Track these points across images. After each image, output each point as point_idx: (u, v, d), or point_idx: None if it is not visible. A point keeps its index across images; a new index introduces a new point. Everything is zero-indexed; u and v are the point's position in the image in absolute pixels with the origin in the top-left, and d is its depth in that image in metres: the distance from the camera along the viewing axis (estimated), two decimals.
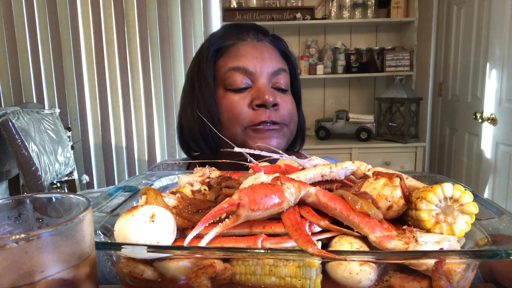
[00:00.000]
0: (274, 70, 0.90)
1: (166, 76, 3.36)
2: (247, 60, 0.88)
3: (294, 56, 1.01)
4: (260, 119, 0.87)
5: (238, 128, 0.88)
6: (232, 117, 0.88)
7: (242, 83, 0.88)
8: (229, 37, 0.93)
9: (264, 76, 0.89)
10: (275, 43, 0.97)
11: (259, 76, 0.88)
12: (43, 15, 3.27)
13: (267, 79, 0.89)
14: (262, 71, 0.88)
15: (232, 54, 0.90)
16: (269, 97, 0.85)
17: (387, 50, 3.28)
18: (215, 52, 0.91)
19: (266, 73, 0.89)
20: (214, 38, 0.94)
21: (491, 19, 2.33)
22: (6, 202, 0.42)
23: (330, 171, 0.58)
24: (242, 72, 0.88)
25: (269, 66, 0.89)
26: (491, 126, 2.36)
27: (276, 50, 0.95)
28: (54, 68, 3.34)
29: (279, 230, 0.46)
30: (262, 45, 0.93)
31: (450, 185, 0.47)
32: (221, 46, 0.92)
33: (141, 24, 3.29)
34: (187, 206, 0.53)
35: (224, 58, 0.91)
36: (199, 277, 0.44)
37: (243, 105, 0.87)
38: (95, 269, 0.39)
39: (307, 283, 0.43)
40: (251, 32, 0.94)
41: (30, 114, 2.51)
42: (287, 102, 0.91)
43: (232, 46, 0.91)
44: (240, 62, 0.88)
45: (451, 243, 0.45)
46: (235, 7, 3.28)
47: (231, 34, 0.93)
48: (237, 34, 0.93)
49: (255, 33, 0.94)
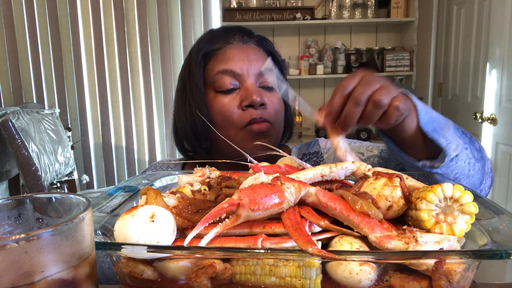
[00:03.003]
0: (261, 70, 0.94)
1: (166, 76, 3.36)
2: (234, 63, 0.92)
3: (280, 55, 1.05)
4: (250, 118, 0.91)
5: (233, 129, 0.92)
6: (225, 120, 0.93)
7: (230, 84, 0.92)
8: (216, 41, 0.97)
9: (251, 77, 0.93)
10: (261, 43, 1.01)
11: (246, 77, 0.92)
12: (43, 15, 3.27)
13: (254, 80, 0.93)
14: (249, 72, 0.92)
15: (220, 58, 0.94)
16: (256, 97, 0.89)
17: (387, 50, 3.28)
18: (204, 56, 0.96)
19: (253, 73, 0.93)
20: (202, 42, 0.98)
21: (491, 19, 2.33)
22: (6, 202, 0.42)
23: (330, 171, 0.58)
24: (230, 74, 0.92)
25: (255, 67, 0.93)
26: (491, 126, 2.36)
27: (261, 51, 0.99)
28: (54, 68, 3.34)
29: (279, 230, 0.46)
30: (248, 47, 0.97)
31: (450, 185, 0.47)
32: (209, 50, 0.96)
33: (141, 24, 3.29)
34: (187, 206, 0.53)
35: (213, 62, 0.95)
36: (199, 277, 0.44)
37: (233, 106, 0.92)
38: (95, 269, 0.39)
39: (307, 283, 0.43)
40: (236, 35, 0.98)
41: (30, 114, 2.51)
42: (274, 102, 0.95)
43: (220, 50, 0.96)
44: (227, 65, 0.92)
45: (451, 243, 0.45)
46: (235, 7, 3.28)
47: (218, 37, 0.98)
48: (224, 37, 0.97)
49: (240, 36, 0.98)
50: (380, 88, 0.64)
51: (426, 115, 0.71)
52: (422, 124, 0.70)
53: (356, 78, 0.65)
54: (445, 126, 0.73)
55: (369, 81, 0.64)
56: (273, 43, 1.04)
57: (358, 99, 0.63)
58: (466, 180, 0.76)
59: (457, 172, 0.74)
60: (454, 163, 0.73)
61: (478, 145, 0.80)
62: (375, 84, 0.64)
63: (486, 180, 0.80)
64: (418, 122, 0.70)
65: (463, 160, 0.74)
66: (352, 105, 0.64)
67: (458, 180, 0.75)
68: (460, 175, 0.75)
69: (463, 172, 0.75)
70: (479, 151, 0.78)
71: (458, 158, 0.73)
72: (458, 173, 0.75)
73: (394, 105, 0.63)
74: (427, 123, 0.71)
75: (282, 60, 1.05)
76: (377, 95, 0.63)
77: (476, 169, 0.77)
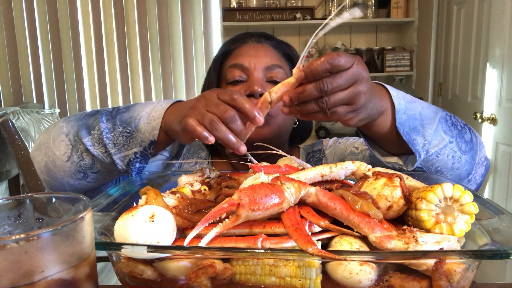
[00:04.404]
0: (268, 65, 0.97)
1: (166, 76, 3.36)
2: (243, 58, 0.98)
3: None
4: None
5: None
6: None
7: (238, 77, 0.97)
8: (234, 42, 1.05)
9: (258, 71, 0.96)
10: (278, 46, 1.05)
11: (253, 70, 0.96)
12: (43, 15, 3.27)
13: (261, 73, 0.97)
14: (256, 66, 0.96)
15: (234, 55, 1.01)
16: (257, 88, 0.91)
17: (387, 50, 3.28)
18: (222, 54, 1.04)
19: (260, 67, 0.97)
20: (224, 44, 1.07)
21: (491, 19, 2.33)
22: (6, 202, 0.42)
23: (330, 171, 0.58)
24: (238, 68, 0.97)
25: (263, 61, 0.97)
26: (491, 126, 2.36)
27: (276, 51, 1.03)
28: (54, 68, 3.34)
29: (279, 230, 0.46)
30: (260, 45, 1.02)
31: (450, 185, 0.47)
32: (228, 50, 1.04)
33: (141, 24, 3.29)
34: (187, 206, 0.53)
35: (228, 59, 1.02)
36: (199, 277, 0.44)
37: None
38: (95, 269, 0.39)
39: (307, 283, 0.43)
40: (254, 37, 1.05)
41: (30, 114, 2.51)
42: None
43: (236, 49, 1.03)
44: (238, 60, 0.98)
45: (451, 243, 0.45)
46: (235, 7, 3.28)
47: (237, 39, 1.05)
48: (242, 39, 1.05)
49: (257, 37, 1.05)
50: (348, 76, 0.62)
51: (405, 114, 0.72)
52: (398, 123, 0.71)
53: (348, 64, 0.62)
54: (430, 122, 0.74)
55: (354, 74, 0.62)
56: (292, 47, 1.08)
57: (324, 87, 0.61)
58: (450, 173, 0.77)
59: (439, 166, 0.76)
60: (434, 157, 0.74)
61: (469, 135, 0.80)
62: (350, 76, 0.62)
63: (476, 170, 0.80)
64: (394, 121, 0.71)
65: (445, 154, 0.75)
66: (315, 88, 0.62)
67: (441, 173, 0.76)
68: (442, 169, 0.76)
69: (446, 166, 0.76)
70: (469, 143, 0.79)
71: (440, 153, 0.74)
72: (440, 167, 0.76)
73: (356, 90, 0.62)
74: (404, 122, 0.71)
75: None
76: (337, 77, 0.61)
77: (463, 161, 0.77)
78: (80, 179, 0.82)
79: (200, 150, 1.07)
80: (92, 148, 0.78)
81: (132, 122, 0.78)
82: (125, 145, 0.77)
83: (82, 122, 0.82)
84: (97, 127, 0.79)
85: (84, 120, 0.82)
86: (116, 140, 0.77)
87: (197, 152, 1.07)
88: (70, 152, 0.79)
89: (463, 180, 0.80)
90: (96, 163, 0.80)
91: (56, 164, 0.81)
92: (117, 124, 0.78)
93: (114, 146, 0.77)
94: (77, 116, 0.85)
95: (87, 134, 0.79)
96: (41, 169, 0.83)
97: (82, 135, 0.79)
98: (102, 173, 0.82)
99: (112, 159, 0.77)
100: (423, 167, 0.75)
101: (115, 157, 0.77)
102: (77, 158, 0.79)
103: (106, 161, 0.78)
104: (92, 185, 0.85)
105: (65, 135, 0.81)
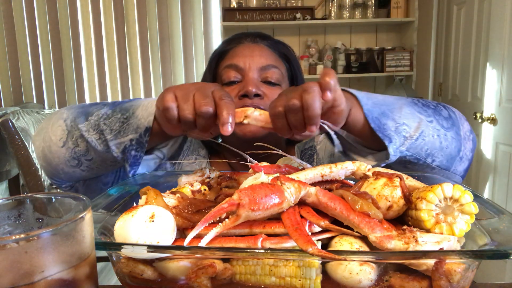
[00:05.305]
0: (263, 66, 0.97)
1: (166, 76, 3.36)
2: (239, 58, 0.98)
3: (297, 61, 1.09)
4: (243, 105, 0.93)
5: None
6: None
7: (233, 77, 0.97)
8: (230, 42, 1.04)
9: (253, 71, 0.96)
10: (274, 46, 1.04)
11: (248, 71, 0.96)
12: (43, 15, 3.27)
13: (256, 74, 0.97)
14: (251, 66, 0.96)
15: (229, 55, 1.01)
16: (251, 88, 0.92)
17: (387, 50, 3.28)
18: (217, 55, 1.03)
19: (255, 68, 0.96)
20: (220, 44, 1.07)
21: (491, 19, 2.33)
22: (6, 202, 0.42)
23: (330, 171, 0.58)
24: (233, 68, 0.97)
25: (258, 62, 0.97)
26: (491, 126, 2.36)
27: (272, 51, 1.02)
28: (54, 68, 3.34)
29: (279, 230, 0.46)
30: (255, 46, 1.02)
31: (450, 185, 0.47)
32: (223, 50, 1.03)
33: (141, 24, 3.29)
34: (187, 206, 0.53)
35: (223, 60, 1.02)
36: (199, 277, 0.44)
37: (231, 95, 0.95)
38: (95, 269, 0.39)
39: (307, 283, 0.43)
40: (249, 37, 1.04)
41: (30, 114, 2.51)
42: (273, 95, 0.96)
43: (231, 49, 1.02)
44: (233, 61, 0.98)
45: (451, 243, 0.45)
46: (235, 7, 3.28)
47: (233, 39, 1.05)
48: (238, 39, 1.04)
49: (253, 37, 1.04)
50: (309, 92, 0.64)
51: (369, 100, 0.73)
52: (365, 110, 0.71)
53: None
54: (397, 106, 0.74)
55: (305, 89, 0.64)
56: (289, 47, 1.08)
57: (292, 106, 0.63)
58: (441, 153, 0.76)
59: (428, 148, 0.74)
60: (420, 140, 0.73)
61: (446, 112, 0.79)
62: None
63: (465, 146, 0.80)
64: (362, 111, 0.71)
65: (430, 135, 0.74)
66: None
67: (432, 155, 0.75)
68: (432, 150, 0.75)
69: (434, 147, 0.75)
70: (449, 119, 0.78)
71: (424, 135, 0.73)
72: (429, 149, 0.74)
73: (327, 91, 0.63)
74: (372, 109, 0.72)
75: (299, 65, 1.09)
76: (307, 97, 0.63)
77: (449, 138, 0.76)
78: (74, 166, 0.81)
79: (200, 148, 1.07)
80: (86, 133, 0.78)
81: (130, 109, 0.78)
82: (121, 131, 0.76)
83: (82, 110, 0.82)
84: (96, 113, 0.79)
85: (85, 108, 0.82)
86: (113, 126, 0.77)
87: (197, 150, 1.07)
88: (65, 137, 0.79)
89: (455, 159, 0.78)
90: (90, 150, 0.79)
91: (52, 149, 0.81)
92: (116, 111, 0.78)
93: (111, 132, 0.77)
94: (81, 105, 0.86)
95: (84, 120, 0.79)
96: (39, 154, 0.83)
97: (79, 121, 0.79)
98: (95, 161, 0.81)
99: (107, 145, 0.77)
100: (414, 155, 0.74)
101: (111, 144, 0.77)
102: (72, 144, 0.79)
103: (99, 148, 0.78)
104: (86, 174, 0.84)
105: (63, 121, 0.81)
